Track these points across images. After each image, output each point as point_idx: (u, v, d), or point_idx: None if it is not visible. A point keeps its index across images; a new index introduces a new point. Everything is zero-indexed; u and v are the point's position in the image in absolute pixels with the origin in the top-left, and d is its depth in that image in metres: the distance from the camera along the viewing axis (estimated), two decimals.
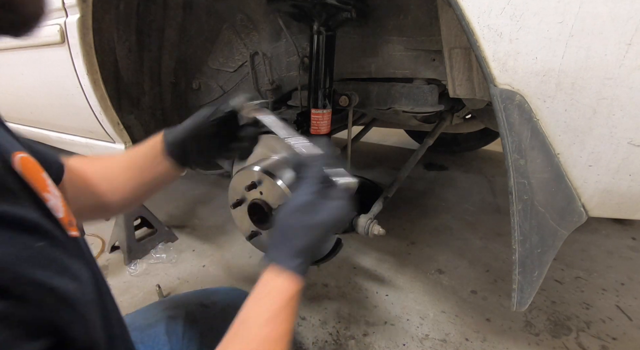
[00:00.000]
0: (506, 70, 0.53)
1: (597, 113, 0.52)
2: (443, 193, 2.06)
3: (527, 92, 0.54)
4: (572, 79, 0.51)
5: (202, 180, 2.26)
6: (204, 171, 1.22)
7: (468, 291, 1.30)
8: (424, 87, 0.92)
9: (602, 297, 1.25)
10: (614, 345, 1.07)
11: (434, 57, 0.89)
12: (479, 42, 0.52)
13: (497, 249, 1.53)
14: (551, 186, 0.59)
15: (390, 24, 0.88)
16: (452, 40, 0.73)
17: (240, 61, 1.17)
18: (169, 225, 1.70)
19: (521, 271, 0.62)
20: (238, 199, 0.86)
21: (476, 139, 2.47)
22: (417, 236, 1.64)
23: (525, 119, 0.55)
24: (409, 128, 2.38)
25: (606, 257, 1.47)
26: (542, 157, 0.57)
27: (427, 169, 2.41)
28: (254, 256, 1.52)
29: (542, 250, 0.62)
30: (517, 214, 0.59)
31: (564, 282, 1.33)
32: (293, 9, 0.82)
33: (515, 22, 0.50)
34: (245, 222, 0.87)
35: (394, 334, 1.12)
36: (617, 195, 0.58)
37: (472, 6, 0.51)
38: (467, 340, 1.10)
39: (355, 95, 0.96)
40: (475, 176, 2.28)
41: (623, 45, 0.47)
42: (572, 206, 0.61)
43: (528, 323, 1.15)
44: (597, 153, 0.55)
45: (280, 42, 1.07)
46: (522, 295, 0.64)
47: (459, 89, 0.79)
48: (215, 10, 1.11)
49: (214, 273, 1.44)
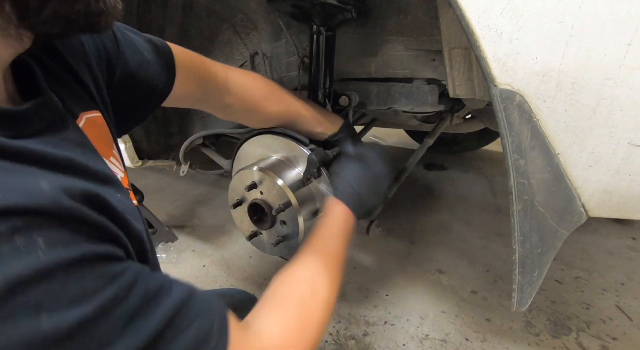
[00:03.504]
0: (506, 70, 0.53)
1: (597, 113, 0.52)
2: (443, 193, 2.06)
3: (527, 92, 0.54)
4: (572, 79, 0.51)
5: (202, 180, 2.26)
6: (203, 171, 1.22)
7: (468, 291, 1.30)
8: (424, 87, 0.92)
9: (602, 297, 1.26)
10: (614, 345, 1.07)
11: (434, 57, 0.89)
12: (479, 42, 0.52)
13: (497, 249, 1.53)
14: (551, 186, 0.59)
15: (390, 24, 0.88)
16: (452, 40, 0.73)
17: (240, 61, 1.17)
18: (169, 225, 1.70)
19: (521, 271, 0.62)
20: (238, 199, 0.86)
21: (476, 139, 2.47)
22: (417, 236, 1.64)
23: (525, 119, 0.55)
24: (409, 128, 2.38)
25: (606, 257, 1.47)
26: (542, 157, 0.57)
27: (427, 169, 2.40)
28: (254, 256, 1.52)
29: (542, 250, 0.62)
30: (517, 214, 0.59)
31: (564, 282, 1.33)
32: (293, 9, 0.82)
33: (515, 22, 0.50)
34: (245, 222, 0.87)
35: (394, 334, 1.12)
36: (617, 195, 0.58)
37: (472, 6, 0.51)
38: (467, 340, 1.10)
39: (355, 95, 0.96)
40: (475, 176, 2.28)
41: (623, 45, 0.47)
42: (572, 206, 0.61)
43: (528, 323, 1.15)
44: (597, 153, 0.55)
45: (280, 42, 1.07)
46: (522, 295, 0.64)
47: (459, 89, 0.79)
48: (215, 10, 1.11)
49: (214, 273, 1.44)
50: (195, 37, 1.17)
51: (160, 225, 1.63)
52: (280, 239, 0.84)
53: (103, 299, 0.27)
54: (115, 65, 0.49)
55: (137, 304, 0.30)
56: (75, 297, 0.26)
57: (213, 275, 1.43)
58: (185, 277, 1.42)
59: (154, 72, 0.55)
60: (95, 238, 0.29)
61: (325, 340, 1.10)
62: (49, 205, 0.26)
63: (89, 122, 0.42)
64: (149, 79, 0.54)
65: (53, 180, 0.28)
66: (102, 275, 0.28)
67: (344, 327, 1.15)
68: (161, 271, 0.46)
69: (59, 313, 0.25)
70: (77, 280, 0.27)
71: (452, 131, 1.99)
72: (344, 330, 1.14)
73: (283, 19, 0.96)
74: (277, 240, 0.84)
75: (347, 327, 1.15)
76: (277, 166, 0.83)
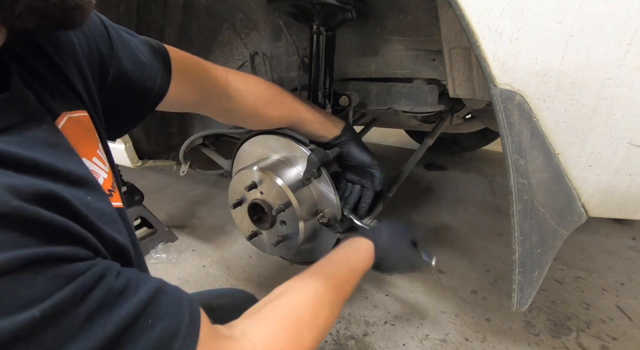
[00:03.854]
0: (506, 70, 0.53)
1: (597, 113, 0.52)
2: (443, 193, 2.06)
3: (527, 92, 0.54)
4: (572, 79, 0.51)
5: (202, 180, 2.26)
6: (203, 171, 1.22)
7: (468, 291, 1.30)
8: (423, 87, 0.92)
9: (602, 297, 1.26)
10: (614, 345, 1.07)
11: (434, 57, 0.89)
12: (479, 42, 0.52)
13: (497, 249, 1.53)
14: (551, 186, 0.59)
15: (390, 24, 0.88)
16: (452, 40, 0.73)
17: (240, 61, 1.17)
18: (169, 225, 1.70)
19: (521, 271, 0.62)
20: (238, 199, 0.86)
21: (476, 139, 2.47)
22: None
23: (525, 119, 0.55)
24: (409, 128, 2.38)
25: (606, 257, 1.47)
26: (542, 157, 0.57)
27: (427, 169, 2.40)
28: (254, 256, 1.52)
29: (542, 250, 0.62)
30: (517, 214, 0.59)
31: (564, 282, 1.33)
32: (293, 9, 0.82)
33: (515, 22, 0.50)
34: (245, 222, 0.87)
35: (394, 334, 1.12)
36: (617, 195, 0.58)
37: (472, 6, 0.51)
38: (467, 340, 1.10)
39: (355, 95, 0.96)
40: (475, 176, 2.28)
41: (623, 45, 0.47)
42: (572, 206, 0.61)
43: (528, 323, 1.15)
44: (597, 153, 0.55)
45: (280, 42, 1.07)
46: (522, 295, 0.64)
47: (459, 89, 0.79)
48: (215, 10, 1.11)
49: (214, 273, 1.44)
50: (195, 37, 1.17)
51: (160, 225, 1.63)
52: (280, 239, 0.84)
53: (55, 302, 0.27)
54: (108, 66, 0.49)
55: (95, 305, 0.29)
56: (22, 301, 0.25)
57: (213, 275, 1.43)
58: (185, 277, 1.42)
59: (149, 75, 0.54)
60: (50, 239, 0.28)
61: (325, 341, 1.10)
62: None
63: (71, 122, 0.41)
64: (143, 81, 0.53)
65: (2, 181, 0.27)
66: (54, 277, 0.27)
67: (344, 327, 1.15)
68: (147, 272, 0.45)
69: (3, 319, 0.24)
70: (26, 283, 0.26)
71: (452, 131, 1.99)
72: (344, 330, 1.14)
73: (283, 19, 0.96)
74: (277, 240, 0.84)
75: (347, 327, 1.15)
76: (277, 166, 0.83)
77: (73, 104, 0.42)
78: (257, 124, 0.81)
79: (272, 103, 0.76)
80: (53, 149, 0.35)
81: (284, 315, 0.47)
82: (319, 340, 0.49)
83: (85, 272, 0.29)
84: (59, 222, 0.29)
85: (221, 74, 0.68)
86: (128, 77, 0.51)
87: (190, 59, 0.64)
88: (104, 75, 0.49)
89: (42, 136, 0.34)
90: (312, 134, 0.83)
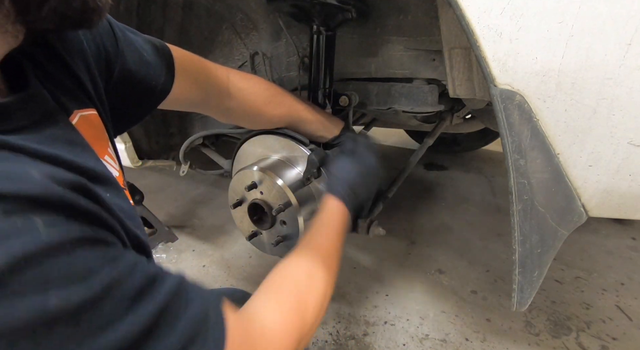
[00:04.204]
0: (506, 70, 0.53)
1: (597, 113, 0.52)
2: (443, 193, 2.06)
3: (527, 92, 0.54)
4: (572, 79, 0.51)
5: (202, 180, 2.26)
6: (203, 171, 1.22)
7: (468, 291, 1.30)
8: (424, 87, 0.92)
9: (602, 297, 1.26)
10: (614, 345, 1.07)
11: (434, 57, 0.89)
12: (479, 42, 0.52)
13: (497, 249, 1.53)
14: (551, 186, 0.59)
15: (390, 23, 0.88)
16: (452, 40, 0.73)
17: (240, 61, 1.17)
18: (169, 225, 1.70)
19: (521, 271, 0.62)
20: (238, 199, 0.86)
21: (476, 139, 2.47)
22: (417, 236, 1.64)
23: (525, 119, 0.55)
24: (409, 128, 2.38)
25: (606, 257, 1.47)
26: (542, 157, 0.57)
27: (427, 169, 2.40)
28: (254, 256, 1.52)
29: (542, 250, 0.62)
30: (517, 214, 0.59)
31: (564, 282, 1.33)
32: (293, 9, 0.81)
33: (515, 22, 0.50)
34: (245, 222, 0.87)
35: (394, 334, 1.12)
36: (617, 195, 0.58)
37: (472, 6, 0.51)
38: (467, 340, 1.10)
39: (355, 95, 0.96)
40: (475, 176, 2.28)
41: (623, 45, 0.47)
42: (572, 206, 0.61)
43: (528, 323, 1.15)
44: (597, 153, 0.55)
45: (280, 42, 1.07)
46: (522, 295, 0.64)
47: (459, 89, 0.79)
48: (215, 10, 1.11)
49: (214, 273, 1.44)
50: (195, 37, 1.17)
51: (160, 225, 1.63)
52: (280, 239, 0.84)
53: (108, 278, 0.28)
54: (114, 64, 0.49)
55: (138, 286, 0.30)
56: (81, 274, 0.26)
57: (213, 275, 1.43)
58: None
59: (153, 73, 0.54)
60: (91, 224, 0.29)
61: (325, 341, 1.10)
62: (41, 191, 0.26)
63: (83, 120, 0.41)
64: (147, 79, 0.54)
65: (42, 169, 0.28)
66: (103, 256, 0.29)
67: (344, 327, 1.15)
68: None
69: (66, 290, 0.25)
70: (81, 258, 0.27)
71: (452, 131, 1.99)
72: (344, 330, 1.14)
73: (283, 19, 0.96)
74: (277, 240, 0.84)
75: (347, 327, 1.15)
76: (277, 166, 0.83)
77: (83, 102, 0.43)
78: (257, 123, 0.81)
79: (272, 102, 0.76)
80: (71, 146, 0.36)
81: (283, 289, 0.49)
82: (323, 303, 0.52)
83: (124, 256, 0.31)
84: (95, 210, 0.30)
85: (222, 73, 0.69)
86: (133, 75, 0.52)
87: (193, 58, 0.64)
88: (109, 74, 0.49)
89: (59, 134, 0.35)
90: (311, 134, 0.83)
